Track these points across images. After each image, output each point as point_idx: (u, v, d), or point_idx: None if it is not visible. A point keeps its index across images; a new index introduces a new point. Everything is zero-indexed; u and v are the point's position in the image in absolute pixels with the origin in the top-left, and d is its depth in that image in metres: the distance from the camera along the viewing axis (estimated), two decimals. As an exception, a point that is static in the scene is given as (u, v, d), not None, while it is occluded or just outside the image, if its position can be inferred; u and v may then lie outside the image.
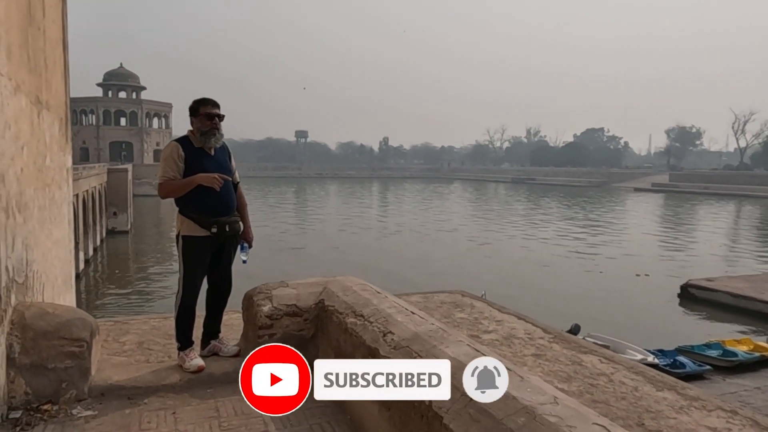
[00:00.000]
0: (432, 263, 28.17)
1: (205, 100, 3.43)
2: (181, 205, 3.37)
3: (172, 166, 3.29)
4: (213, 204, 3.33)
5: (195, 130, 3.40)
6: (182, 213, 3.37)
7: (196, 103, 3.43)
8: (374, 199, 76.44)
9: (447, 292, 5.95)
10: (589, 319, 17.33)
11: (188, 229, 3.33)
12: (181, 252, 3.37)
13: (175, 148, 3.34)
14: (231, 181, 3.51)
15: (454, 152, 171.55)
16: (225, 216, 3.37)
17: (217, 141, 3.44)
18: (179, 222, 3.38)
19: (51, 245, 3.64)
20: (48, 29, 3.62)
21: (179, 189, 3.26)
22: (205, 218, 3.30)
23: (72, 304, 4.41)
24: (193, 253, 3.34)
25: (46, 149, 3.54)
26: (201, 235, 3.31)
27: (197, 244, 3.32)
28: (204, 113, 3.37)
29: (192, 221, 3.32)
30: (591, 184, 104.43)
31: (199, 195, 3.29)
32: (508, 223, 46.73)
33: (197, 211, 3.31)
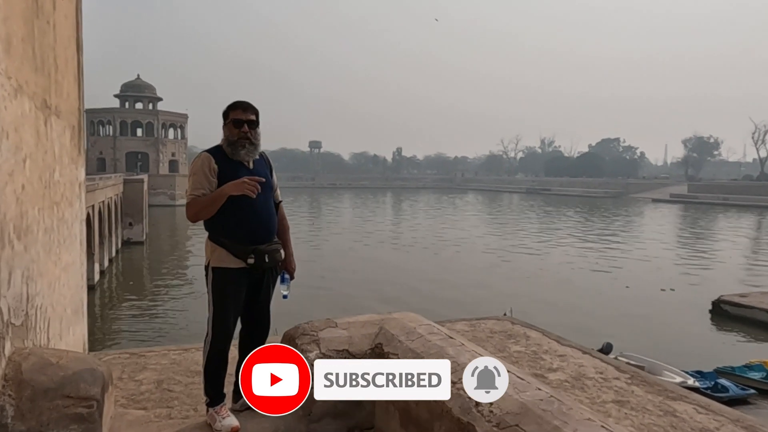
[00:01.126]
0: (451, 279, 27.56)
1: (236, 103, 2.90)
2: (210, 229, 2.85)
3: (203, 181, 2.75)
4: (251, 228, 2.80)
5: (224, 140, 2.88)
6: (212, 239, 2.84)
7: (227, 107, 2.91)
8: (388, 210, 75.98)
9: (494, 318, 5.39)
10: (619, 337, 16.58)
11: (219, 259, 2.79)
12: (211, 287, 2.82)
13: (206, 160, 2.80)
14: (272, 198, 2.97)
15: (467, 162, 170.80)
16: (265, 242, 2.83)
17: (248, 154, 2.86)
18: (209, 250, 2.85)
19: (59, 273, 3.15)
20: (59, 25, 3.16)
21: (207, 206, 2.72)
22: (241, 246, 2.77)
23: (83, 336, 3.93)
24: (226, 288, 2.79)
25: (55, 162, 3.06)
26: (235, 267, 2.78)
27: (231, 277, 2.78)
28: (232, 119, 2.84)
29: (224, 249, 2.78)
30: (607, 195, 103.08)
31: (233, 216, 2.76)
32: (525, 235, 45.95)
33: (231, 236, 2.78)
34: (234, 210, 2.75)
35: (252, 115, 2.88)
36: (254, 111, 2.90)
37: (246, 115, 2.85)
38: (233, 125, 2.83)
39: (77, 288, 3.70)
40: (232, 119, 2.84)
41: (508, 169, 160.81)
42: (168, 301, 23.18)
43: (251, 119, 2.86)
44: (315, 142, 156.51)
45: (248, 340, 2.99)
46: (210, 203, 2.71)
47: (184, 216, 3.14)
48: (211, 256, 2.83)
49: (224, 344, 2.85)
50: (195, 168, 2.81)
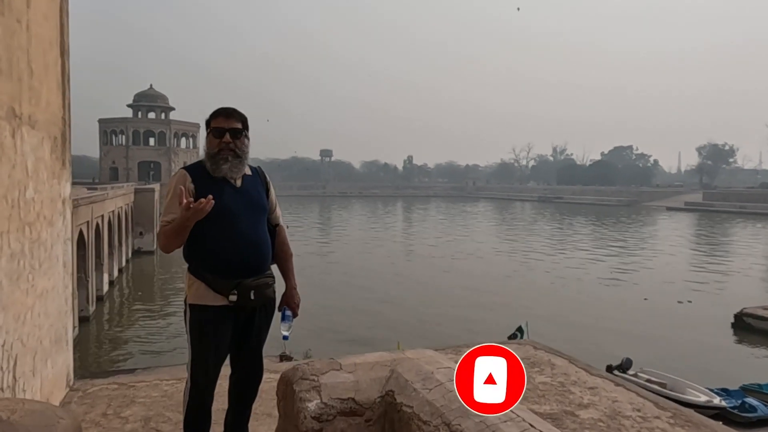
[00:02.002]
0: (463, 292, 27.11)
1: (218, 110, 2.46)
2: (189, 259, 2.42)
3: (175, 204, 2.26)
4: (234, 258, 2.35)
5: (205, 154, 2.45)
6: (192, 271, 2.41)
7: (209, 116, 2.48)
8: (399, 219, 75.56)
9: (515, 343, 4.99)
10: (638, 352, 16.01)
11: (198, 295, 2.36)
12: (189, 327, 2.41)
13: (181, 178, 2.36)
14: (265, 221, 2.54)
15: (479, 171, 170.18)
16: (252, 276, 2.38)
17: (233, 169, 2.40)
18: (187, 284, 2.43)
19: (32, 301, 2.82)
20: (35, 25, 2.85)
21: (172, 236, 2.26)
22: (223, 280, 2.33)
23: (66, 367, 3.59)
24: (205, 329, 2.37)
25: (27, 178, 2.74)
26: (215, 305, 2.35)
27: (210, 317, 2.35)
28: (212, 128, 2.42)
29: (204, 284, 2.35)
30: (621, 203, 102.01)
31: (214, 244, 2.34)
32: (538, 245, 45.33)
33: (211, 268, 2.35)
34: (214, 237, 2.33)
35: (236, 122, 2.43)
36: (240, 118, 2.45)
37: (228, 122, 2.41)
38: (213, 135, 2.41)
39: (58, 315, 3.37)
40: (212, 128, 2.42)
41: (520, 177, 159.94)
42: (177, 312, 22.92)
43: (235, 127, 2.41)
44: (326, 151, 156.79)
45: (236, 391, 2.60)
46: (174, 234, 2.25)
47: None
48: (188, 292, 2.41)
49: (204, 396, 2.44)
50: (169, 188, 2.38)
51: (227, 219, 2.31)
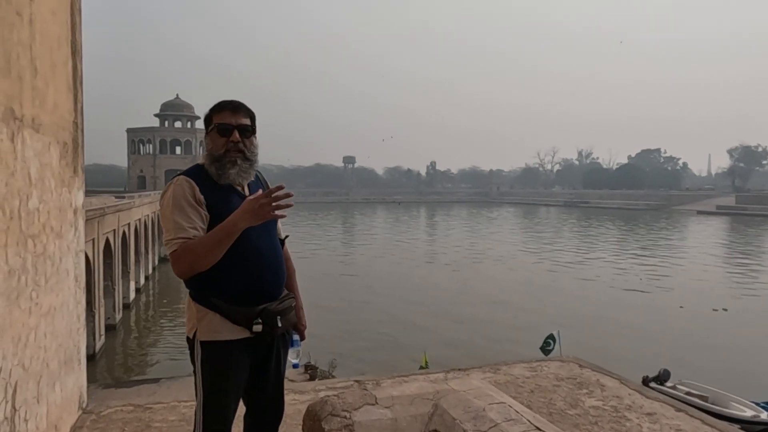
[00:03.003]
0: (492, 301, 26.62)
1: (222, 103, 2.05)
2: (196, 285, 1.98)
3: (190, 217, 1.89)
4: (257, 280, 1.98)
5: (206, 156, 2.04)
6: (199, 300, 1.98)
7: (209, 110, 2.07)
8: (423, 225, 75.11)
9: (558, 360, 4.61)
10: (676, 363, 15.35)
11: (211, 329, 1.95)
12: (200, 370, 1.97)
13: (187, 187, 1.94)
14: (276, 235, 2.18)
15: (502, 176, 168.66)
16: (275, 299, 2.02)
17: (241, 174, 2.01)
18: (193, 316, 2.00)
19: (37, 321, 2.58)
20: (40, 20, 2.63)
21: (211, 249, 1.83)
22: (244, 307, 1.94)
23: (78, 389, 3.35)
24: (222, 371, 1.96)
25: (30, 186, 2.50)
26: (235, 339, 1.95)
27: (228, 355, 1.95)
28: (217, 125, 2.01)
29: (218, 315, 1.94)
30: (649, 207, 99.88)
31: (231, 264, 1.92)
32: (566, 251, 44.44)
33: (228, 294, 1.94)
34: (231, 257, 1.90)
35: (245, 118, 2.04)
36: (248, 113, 2.07)
37: (236, 118, 2.01)
38: (218, 133, 2.00)
39: (68, 334, 3.13)
40: (216, 125, 2.01)
41: (545, 182, 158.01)
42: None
43: (243, 124, 2.03)
44: (349, 158, 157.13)
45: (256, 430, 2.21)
46: (215, 244, 1.83)
47: None
48: (198, 325, 1.97)
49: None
50: (173, 200, 1.91)
51: (243, 235, 1.90)
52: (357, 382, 4.01)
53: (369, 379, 4.11)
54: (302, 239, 51.50)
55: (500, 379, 4.08)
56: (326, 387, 3.90)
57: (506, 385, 3.95)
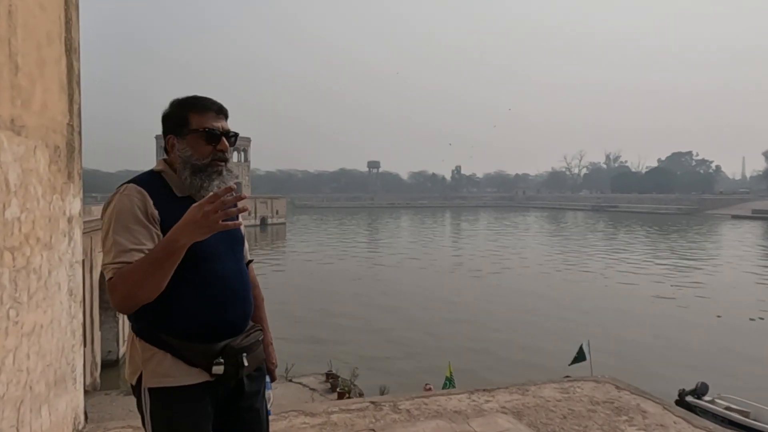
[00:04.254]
0: (517, 308, 26.08)
1: (199, 101, 1.68)
2: (143, 320, 1.59)
3: (131, 236, 1.51)
4: (217, 311, 1.62)
5: (178, 162, 1.67)
6: (145, 337, 1.60)
7: (180, 107, 1.68)
8: (448, 231, 74.53)
9: (592, 380, 4.24)
10: (714, 376, 14.67)
11: (159, 372, 1.57)
12: (149, 422, 1.58)
13: (136, 199, 1.56)
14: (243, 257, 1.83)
15: (529, 180, 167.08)
16: (240, 333, 1.67)
17: (223, 185, 1.64)
18: (136, 356, 1.62)
19: (16, 342, 2.36)
20: (24, 13, 2.42)
21: (150, 275, 1.44)
22: (200, 344, 1.58)
23: (74, 409, 3.13)
24: (177, 424, 1.57)
25: (8, 194, 2.29)
26: (189, 384, 1.58)
27: (183, 404, 1.57)
28: (201, 128, 1.66)
29: (168, 354, 1.58)
30: (681, 212, 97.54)
31: (186, 291, 1.57)
32: (596, 257, 43.44)
33: (181, 329, 1.58)
34: (188, 284, 1.57)
35: (226, 121, 1.73)
36: (227, 114, 1.74)
37: (221, 122, 1.70)
38: (204, 139, 1.65)
39: (60, 352, 2.91)
40: (201, 129, 1.65)
41: (572, 186, 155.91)
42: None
43: (228, 129, 1.71)
44: (373, 162, 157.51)
45: None
46: (154, 268, 1.44)
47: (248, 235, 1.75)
48: (144, 368, 1.59)
49: None
50: (117, 215, 1.54)
51: (203, 258, 1.59)
52: (373, 404, 3.72)
53: (386, 400, 3.81)
54: (329, 245, 51.50)
55: (529, 401, 3.74)
56: (339, 409, 3.62)
57: (535, 409, 3.61)
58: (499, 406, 3.65)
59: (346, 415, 3.51)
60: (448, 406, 3.65)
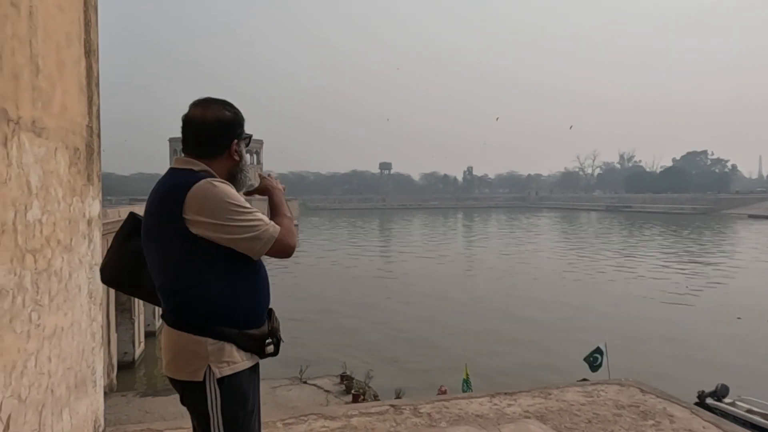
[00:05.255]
0: (532, 309, 25.91)
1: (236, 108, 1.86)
2: (203, 314, 1.67)
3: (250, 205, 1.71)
4: (264, 297, 1.80)
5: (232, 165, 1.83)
6: (204, 332, 1.65)
7: (236, 111, 1.84)
8: (461, 232, 74.27)
9: (616, 383, 4.15)
10: (734, 378, 14.41)
11: (226, 360, 1.66)
12: (220, 414, 1.65)
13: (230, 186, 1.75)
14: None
15: (541, 180, 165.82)
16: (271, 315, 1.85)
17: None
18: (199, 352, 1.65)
19: (38, 345, 2.35)
20: (43, 14, 2.41)
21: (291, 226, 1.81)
22: (254, 331, 1.73)
23: (94, 412, 3.11)
24: (249, 404, 1.72)
25: (30, 196, 2.28)
26: (248, 368, 1.72)
27: (245, 386, 1.70)
28: (247, 137, 1.87)
29: (233, 344, 1.67)
30: (696, 212, 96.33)
31: (249, 285, 1.74)
32: (611, 257, 43.02)
33: (243, 318, 1.71)
34: (241, 275, 1.71)
35: None
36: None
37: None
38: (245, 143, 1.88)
39: (81, 354, 2.90)
40: (246, 137, 1.87)
41: (585, 186, 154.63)
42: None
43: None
44: (385, 164, 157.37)
45: None
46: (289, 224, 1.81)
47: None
48: (212, 361, 1.64)
49: None
50: (235, 196, 1.69)
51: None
52: (393, 407, 3.67)
53: (406, 403, 3.75)
54: (343, 245, 51.56)
55: (552, 405, 3.67)
56: (359, 412, 3.57)
57: (559, 413, 3.54)
58: (522, 410, 3.58)
59: (366, 418, 3.46)
60: (469, 410, 3.59)
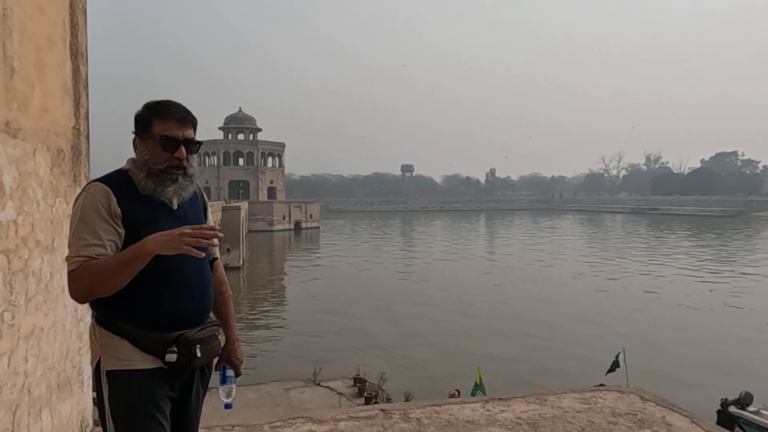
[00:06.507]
0: (553, 314, 25.57)
1: (165, 106, 1.76)
2: (104, 307, 1.70)
3: (97, 232, 1.63)
4: (176, 303, 1.73)
5: (137, 164, 1.77)
6: (105, 324, 1.71)
7: (146, 110, 1.77)
8: (483, 235, 73.77)
9: (616, 390, 4.03)
10: (758, 385, 13.96)
11: (117, 356, 1.67)
12: (108, 405, 1.67)
13: (101, 196, 1.67)
14: (207, 255, 1.87)
15: (565, 182, 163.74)
16: (196, 326, 1.77)
17: (179, 191, 1.79)
18: (96, 342, 1.73)
19: (12, 345, 2.36)
20: (20, 16, 2.42)
21: (112, 276, 1.59)
22: (157, 333, 1.69)
23: (80, 412, 3.13)
24: (135, 403, 1.65)
25: (2, 196, 2.29)
26: (144, 368, 1.68)
27: (138, 386, 1.66)
28: (161, 135, 1.74)
29: (126, 341, 1.68)
30: (725, 214, 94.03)
31: (149, 287, 1.69)
32: (637, 261, 42.24)
33: (140, 318, 1.69)
34: (150, 277, 1.67)
35: (191, 130, 1.79)
36: (194, 123, 1.81)
37: (184, 130, 1.76)
38: (161, 145, 1.73)
39: (65, 355, 2.92)
40: (159, 135, 1.73)
41: (610, 188, 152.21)
42: (261, 328, 23.11)
43: (189, 137, 1.78)
44: (407, 166, 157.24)
45: None
46: (117, 270, 1.59)
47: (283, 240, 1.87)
48: (103, 353, 1.69)
49: None
50: (81, 211, 1.66)
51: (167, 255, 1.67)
52: (383, 411, 3.62)
53: (397, 408, 3.70)
54: (364, 247, 51.65)
55: (546, 412, 3.57)
56: (347, 416, 3.53)
57: (553, 420, 3.44)
58: (514, 417, 3.50)
59: (354, 422, 3.42)
60: (460, 416, 3.52)
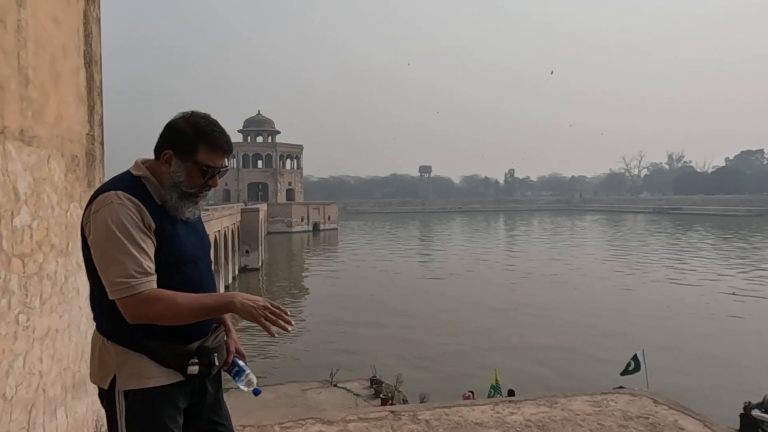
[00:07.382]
0: (574, 317, 25.35)
1: (215, 134, 1.70)
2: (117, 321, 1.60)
3: (139, 247, 1.56)
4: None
5: (163, 179, 1.70)
6: (119, 340, 1.64)
7: (194, 133, 1.68)
8: (502, 236, 73.33)
9: (628, 393, 4.00)
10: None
11: (136, 374, 1.62)
12: (126, 427, 1.61)
13: (132, 208, 1.59)
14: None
15: (585, 182, 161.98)
16: (207, 333, 1.78)
17: (194, 212, 1.78)
18: (109, 360, 1.64)
19: (26, 346, 2.44)
20: (35, 27, 2.50)
21: (192, 315, 1.59)
22: (179, 346, 1.66)
23: (96, 410, 3.20)
24: (152, 424, 1.62)
25: (18, 202, 2.36)
26: (164, 385, 1.65)
27: (158, 404, 1.63)
28: (202, 162, 1.69)
29: (146, 357, 1.63)
30: (751, 213, 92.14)
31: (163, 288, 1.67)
32: (660, 263, 41.61)
33: (165, 329, 1.63)
34: (174, 286, 1.63)
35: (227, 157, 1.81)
36: (230, 152, 1.81)
37: (224, 160, 1.76)
38: (199, 171, 1.70)
39: (80, 355, 2.99)
40: (201, 162, 1.69)
41: (632, 188, 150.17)
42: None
43: (226, 167, 1.80)
44: (425, 167, 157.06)
45: None
46: (200, 313, 1.60)
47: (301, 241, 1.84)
48: (119, 371, 1.62)
49: None
50: (119, 223, 1.55)
51: (185, 261, 1.70)
52: (392, 413, 3.63)
53: (406, 409, 3.72)
54: (382, 248, 51.70)
55: (556, 414, 3.56)
56: (357, 417, 3.55)
57: (562, 423, 3.43)
58: (524, 419, 3.49)
59: (364, 424, 3.44)
60: (470, 418, 3.52)
